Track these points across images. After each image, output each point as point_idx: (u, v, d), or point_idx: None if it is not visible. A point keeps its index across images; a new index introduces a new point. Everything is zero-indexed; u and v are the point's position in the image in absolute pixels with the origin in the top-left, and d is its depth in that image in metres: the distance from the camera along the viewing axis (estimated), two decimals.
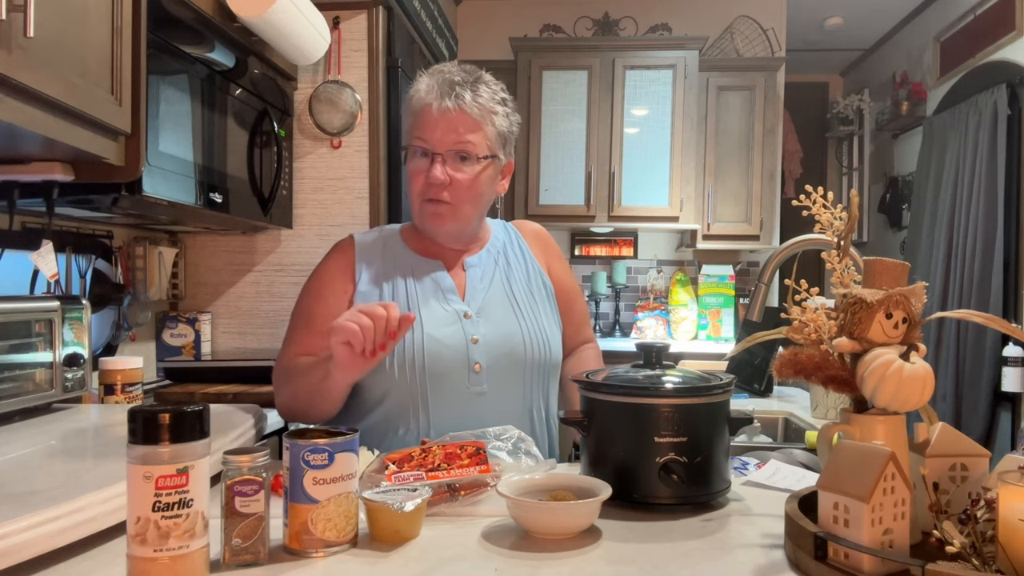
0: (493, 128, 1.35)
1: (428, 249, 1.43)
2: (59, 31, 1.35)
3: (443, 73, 1.34)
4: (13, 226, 1.78)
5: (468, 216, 1.37)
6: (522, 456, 1.11)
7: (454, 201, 1.34)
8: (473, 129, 1.32)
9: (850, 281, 0.94)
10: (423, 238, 1.43)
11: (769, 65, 4.19)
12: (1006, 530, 0.70)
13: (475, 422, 1.27)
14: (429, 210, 1.35)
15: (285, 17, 2.14)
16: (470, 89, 1.32)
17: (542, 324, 1.39)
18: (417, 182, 1.34)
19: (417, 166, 1.34)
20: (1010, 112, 3.69)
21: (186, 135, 1.92)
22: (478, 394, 1.31)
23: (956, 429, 0.92)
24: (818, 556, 0.78)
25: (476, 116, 1.32)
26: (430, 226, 1.37)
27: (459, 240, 1.42)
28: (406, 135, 1.38)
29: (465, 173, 1.33)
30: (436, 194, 1.33)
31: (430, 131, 1.31)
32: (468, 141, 1.32)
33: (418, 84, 1.36)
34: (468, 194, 1.35)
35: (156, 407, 0.74)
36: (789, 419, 2.08)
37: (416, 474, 0.99)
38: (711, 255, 4.44)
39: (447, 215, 1.35)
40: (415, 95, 1.35)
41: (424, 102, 1.32)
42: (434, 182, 1.31)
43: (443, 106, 1.30)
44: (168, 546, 0.73)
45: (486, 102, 1.33)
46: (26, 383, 1.45)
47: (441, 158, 1.32)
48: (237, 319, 2.72)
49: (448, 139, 1.31)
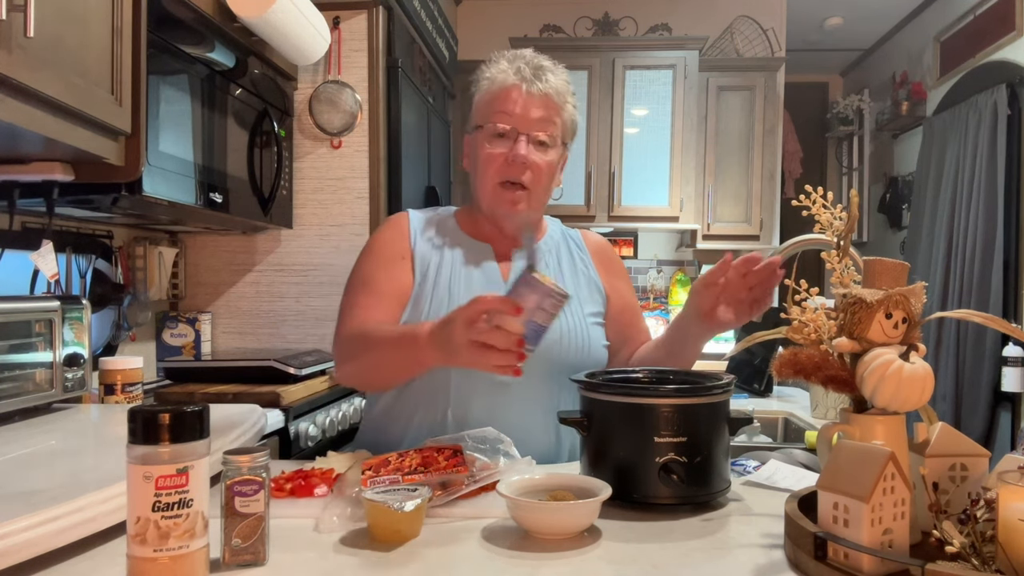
0: (567, 115, 1.36)
1: (480, 233, 1.42)
2: (59, 31, 1.35)
3: (526, 57, 1.35)
4: (13, 226, 1.78)
5: (540, 202, 1.38)
6: (500, 457, 1.11)
7: (531, 186, 1.34)
8: (556, 113, 1.34)
9: (850, 281, 0.94)
10: (477, 222, 1.42)
11: (769, 65, 4.19)
12: (1006, 530, 0.70)
13: (497, 414, 1.26)
14: (505, 196, 1.34)
15: (285, 17, 2.14)
16: (553, 73, 1.34)
17: (583, 326, 1.37)
18: (495, 163, 1.33)
19: (496, 147, 1.33)
20: (1010, 112, 3.69)
21: (186, 135, 1.92)
22: (502, 385, 1.28)
23: (956, 429, 0.92)
24: (818, 556, 0.78)
25: (557, 101, 1.34)
26: (504, 211, 1.36)
27: (523, 227, 1.41)
28: (480, 116, 1.36)
29: (545, 157, 1.34)
30: (518, 174, 1.32)
31: (517, 110, 1.31)
32: (552, 123, 1.34)
33: (497, 65, 1.36)
34: (544, 180, 1.35)
35: (156, 407, 0.74)
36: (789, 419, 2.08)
37: (392, 478, 0.99)
38: (711, 255, 4.43)
39: (523, 200, 1.34)
40: (498, 76, 1.34)
41: (511, 82, 1.32)
42: (518, 160, 1.31)
43: (533, 87, 1.31)
44: (168, 546, 0.73)
45: (564, 89, 1.35)
46: (26, 383, 1.45)
47: (526, 138, 1.31)
48: (237, 319, 2.72)
49: (535, 119, 1.32)
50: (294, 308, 2.70)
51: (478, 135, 1.36)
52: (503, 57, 1.37)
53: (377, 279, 1.36)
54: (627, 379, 1.19)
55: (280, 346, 2.68)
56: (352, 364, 1.31)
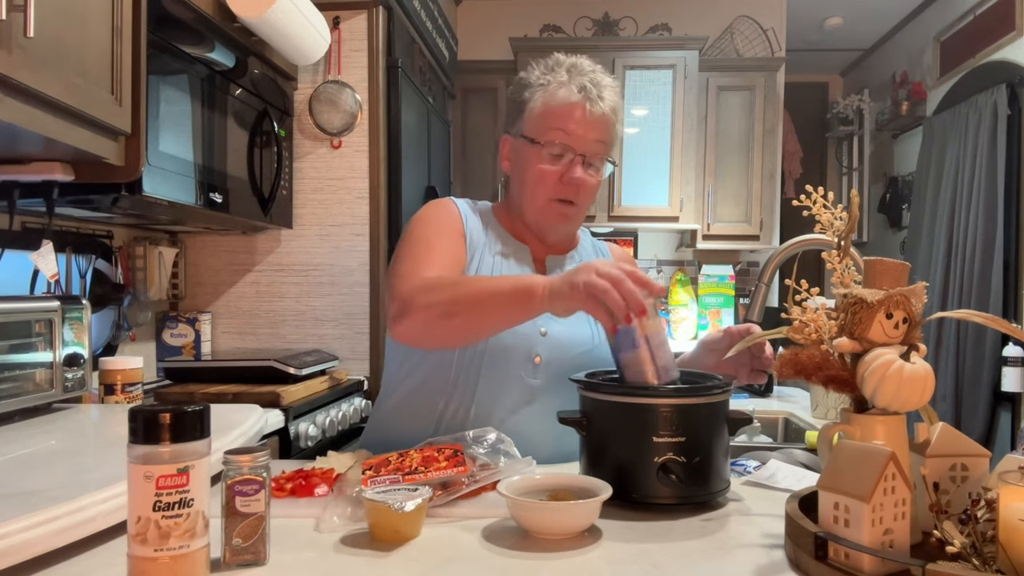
0: (618, 132, 1.37)
1: (518, 233, 1.41)
2: (59, 31, 1.35)
3: (586, 72, 1.33)
4: (13, 226, 1.78)
5: (583, 217, 1.39)
6: (500, 457, 1.11)
7: (580, 203, 1.34)
8: (611, 132, 1.34)
9: (850, 281, 0.94)
10: (514, 221, 1.41)
11: (769, 65, 4.19)
12: (1006, 530, 0.70)
13: (522, 413, 1.27)
14: (558, 210, 1.34)
15: (285, 17, 2.14)
16: (610, 91, 1.33)
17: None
18: (548, 180, 1.32)
19: (552, 164, 1.32)
20: (1010, 112, 3.69)
21: (186, 135, 1.92)
22: (532, 387, 1.29)
23: (956, 429, 0.92)
24: (818, 556, 0.78)
25: (612, 119, 1.33)
26: (554, 224, 1.36)
27: (565, 240, 1.43)
28: (538, 129, 1.32)
29: (595, 177, 1.34)
30: (572, 195, 1.32)
31: (577, 131, 1.30)
32: (608, 145, 1.34)
33: (555, 75, 1.33)
34: (591, 197, 1.36)
35: (156, 407, 0.74)
36: (789, 419, 2.08)
37: (392, 477, 0.99)
38: (711, 255, 4.43)
39: (573, 216, 1.35)
40: (559, 90, 1.31)
41: (574, 99, 1.30)
42: (576, 183, 1.31)
43: (594, 109, 1.30)
44: (168, 546, 0.73)
45: (619, 105, 1.35)
46: (26, 383, 1.45)
47: (583, 159, 1.31)
48: (237, 319, 2.72)
49: (591, 141, 1.31)
50: (294, 308, 2.70)
51: (531, 148, 1.33)
52: (561, 66, 1.34)
53: (440, 244, 1.30)
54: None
55: (280, 346, 2.68)
56: (434, 299, 1.18)
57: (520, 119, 1.37)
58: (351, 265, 2.67)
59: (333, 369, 2.45)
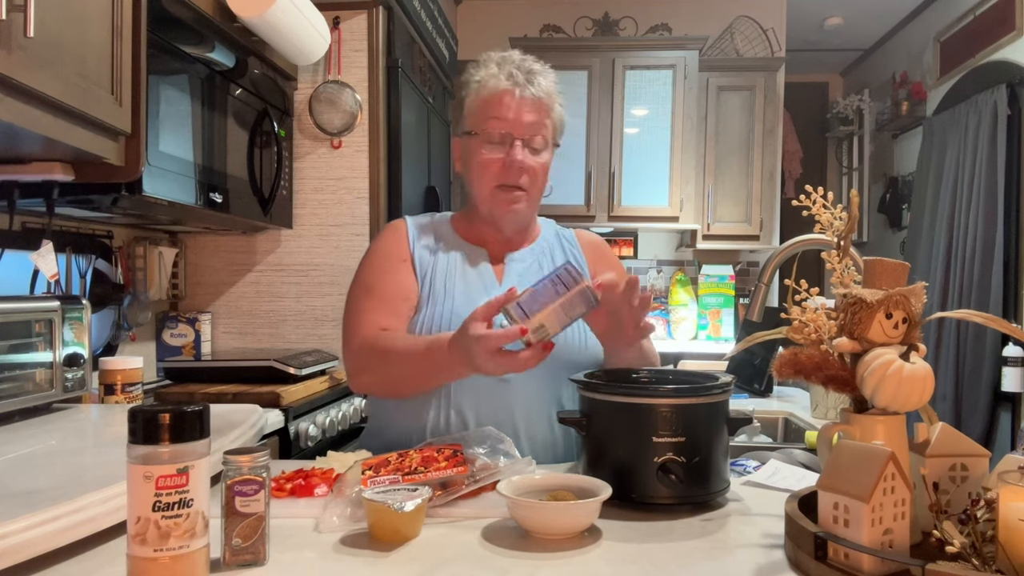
0: (557, 116, 1.38)
1: (476, 237, 1.44)
2: (59, 31, 1.35)
3: (515, 61, 1.36)
4: (13, 226, 1.78)
5: (535, 203, 1.40)
6: (500, 457, 1.11)
7: (528, 188, 1.35)
8: (547, 115, 1.36)
9: (850, 281, 0.94)
10: (473, 226, 1.44)
11: (769, 65, 4.19)
12: (1006, 530, 0.70)
13: (498, 409, 1.28)
14: (504, 197, 1.35)
15: (285, 17, 2.14)
16: (542, 76, 1.35)
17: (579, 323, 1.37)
18: (492, 168, 1.34)
19: (492, 152, 1.34)
20: (1010, 112, 3.69)
21: (186, 135, 1.92)
22: (502, 381, 1.29)
23: (956, 429, 0.92)
24: (818, 556, 0.78)
25: (548, 103, 1.35)
26: (502, 212, 1.37)
27: (520, 228, 1.43)
28: (474, 121, 1.37)
29: (539, 160, 1.36)
30: (515, 179, 1.34)
31: (511, 115, 1.32)
32: (545, 126, 1.35)
33: (486, 69, 1.36)
34: (540, 181, 1.37)
35: (156, 407, 0.74)
36: (789, 419, 2.08)
37: (392, 478, 0.99)
38: (711, 255, 4.43)
39: (521, 200, 1.36)
40: (489, 80, 1.35)
41: (503, 87, 1.33)
42: (517, 165, 1.32)
43: (525, 92, 1.32)
44: (168, 546, 0.73)
45: (553, 90, 1.37)
46: (26, 383, 1.45)
47: (521, 143, 1.33)
48: (237, 319, 2.72)
49: (528, 124, 1.33)
50: (294, 308, 2.70)
51: (472, 141, 1.37)
52: (492, 60, 1.38)
53: (380, 284, 1.37)
54: (626, 379, 1.20)
55: (280, 346, 2.68)
56: (372, 375, 1.32)
57: (462, 118, 1.41)
58: (351, 265, 2.65)
59: (333, 369, 2.45)
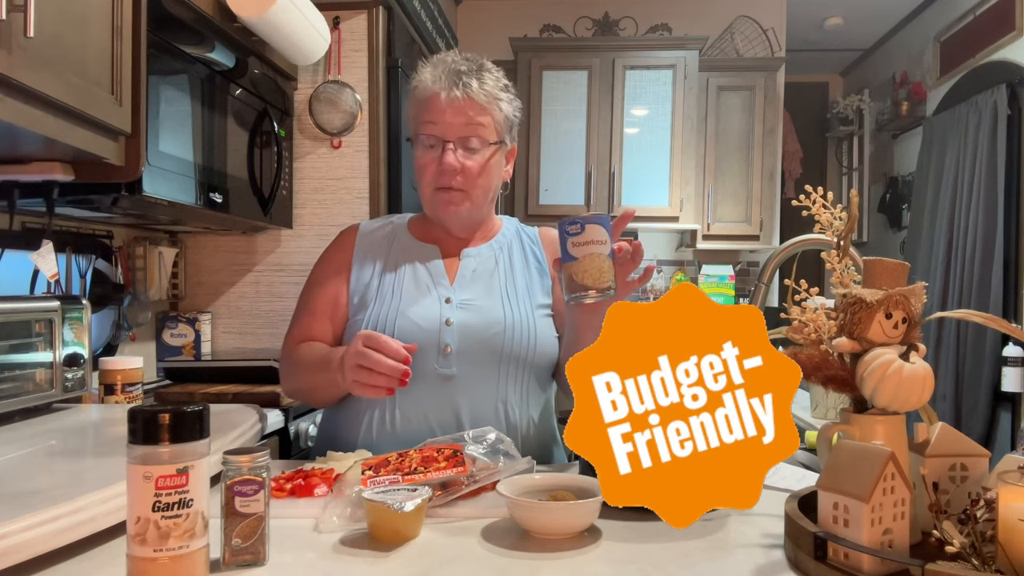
0: (500, 113, 1.37)
1: (430, 236, 1.44)
2: (59, 31, 1.35)
3: (447, 63, 1.36)
4: (13, 226, 1.78)
5: (479, 201, 1.39)
6: (500, 457, 1.11)
7: (466, 188, 1.35)
8: (482, 115, 1.34)
9: (850, 281, 0.94)
10: (428, 226, 1.44)
11: (769, 65, 4.19)
12: (1006, 530, 0.70)
13: (442, 406, 1.28)
14: (441, 198, 1.35)
15: (285, 17, 2.14)
16: (475, 77, 1.34)
17: (531, 320, 1.37)
18: (428, 171, 1.35)
19: (427, 155, 1.35)
20: (1010, 112, 3.69)
21: (186, 135, 1.92)
22: (445, 377, 1.29)
23: (956, 429, 0.92)
24: (818, 556, 0.78)
25: (483, 103, 1.34)
26: (442, 213, 1.37)
27: (469, 227, 1.43)
28: (412, 125, 1.39)
29: (476, 160, 1.35)
30: (448, 181, 1.34)
31: (440, 119, 1.32)
32: (479, 125, 1.34)
33: (422, 74, 1.37)
34: (479, 180, 1.36)
35: (156, 407, 0.74)
36: None
37: (392, 478, 0.99)
38: (711, 255, 4.43)
39: (459, 201, 1.36)
40: (420, 85, 1.36)
41: (431, 91, 1.33)
42: (447, 168, 1.32)
43: (452, 95, 1.32)
44: (168, 546, 0.73)
45: (492, 89, 1.35)
46: (26, 383, 1.45)
47: (452, 145, 1.33)
48: (237, 319, 2.72)
49: (458, 126, 1.33)
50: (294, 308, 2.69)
51: (414, 146, 1.39)
52: (428, 64, 1.38)
53: (312, 296, 1.43)
54: None
55: (280, 346, 2.67)
56: (288, 384, 1.41)
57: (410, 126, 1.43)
58: None
59: None
